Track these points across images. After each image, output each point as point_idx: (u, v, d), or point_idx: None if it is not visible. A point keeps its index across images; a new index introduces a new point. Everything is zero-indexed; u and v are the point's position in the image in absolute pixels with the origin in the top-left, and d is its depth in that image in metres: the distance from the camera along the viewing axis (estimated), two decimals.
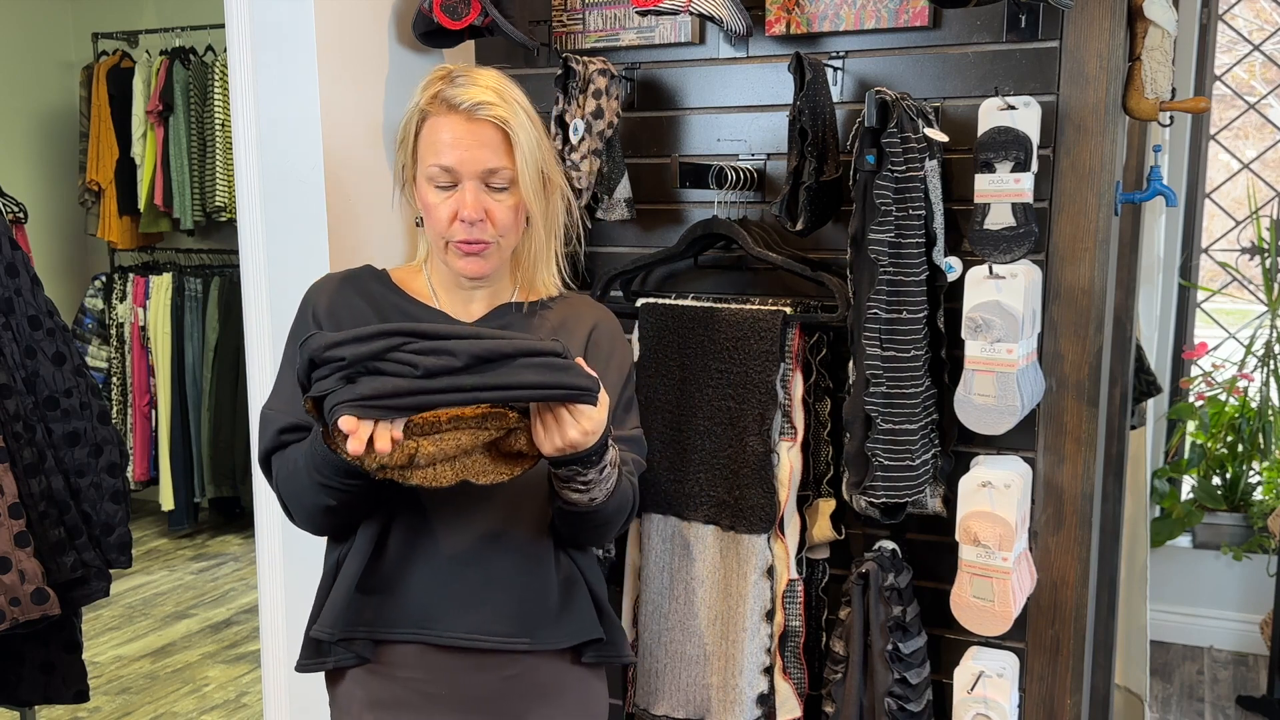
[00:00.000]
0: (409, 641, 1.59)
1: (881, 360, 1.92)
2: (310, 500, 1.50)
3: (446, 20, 2.15)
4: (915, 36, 2.07)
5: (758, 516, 2.09)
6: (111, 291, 5.34)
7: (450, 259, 1.62)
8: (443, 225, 1.59)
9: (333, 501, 1.48)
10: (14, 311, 2.25)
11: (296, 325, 1.64)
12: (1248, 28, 4.30)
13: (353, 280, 1.68)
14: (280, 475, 1.54)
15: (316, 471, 1.45)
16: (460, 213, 1.57)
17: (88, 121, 5.40)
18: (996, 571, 1.92)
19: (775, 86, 2.19)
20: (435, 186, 1.58)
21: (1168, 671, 3.99)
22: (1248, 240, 4.25)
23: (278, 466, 1.54)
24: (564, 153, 2.14)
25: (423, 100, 1.60)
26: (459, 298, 1.68)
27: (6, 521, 2.14)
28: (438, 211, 1.59)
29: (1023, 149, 1.87)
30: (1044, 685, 2.09)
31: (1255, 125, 4.40)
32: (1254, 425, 4.09)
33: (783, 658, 2.14)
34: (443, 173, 1.57)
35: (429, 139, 1.59)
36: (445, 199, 1.58)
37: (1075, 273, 1.98)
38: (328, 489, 1.46)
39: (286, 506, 1.57)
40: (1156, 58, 2.01)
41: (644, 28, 2.28)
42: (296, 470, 1.49)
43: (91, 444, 2.35)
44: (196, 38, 5.25)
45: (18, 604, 2.15)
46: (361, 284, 1.67)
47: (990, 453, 2.07)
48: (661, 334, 2.18)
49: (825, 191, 2.03)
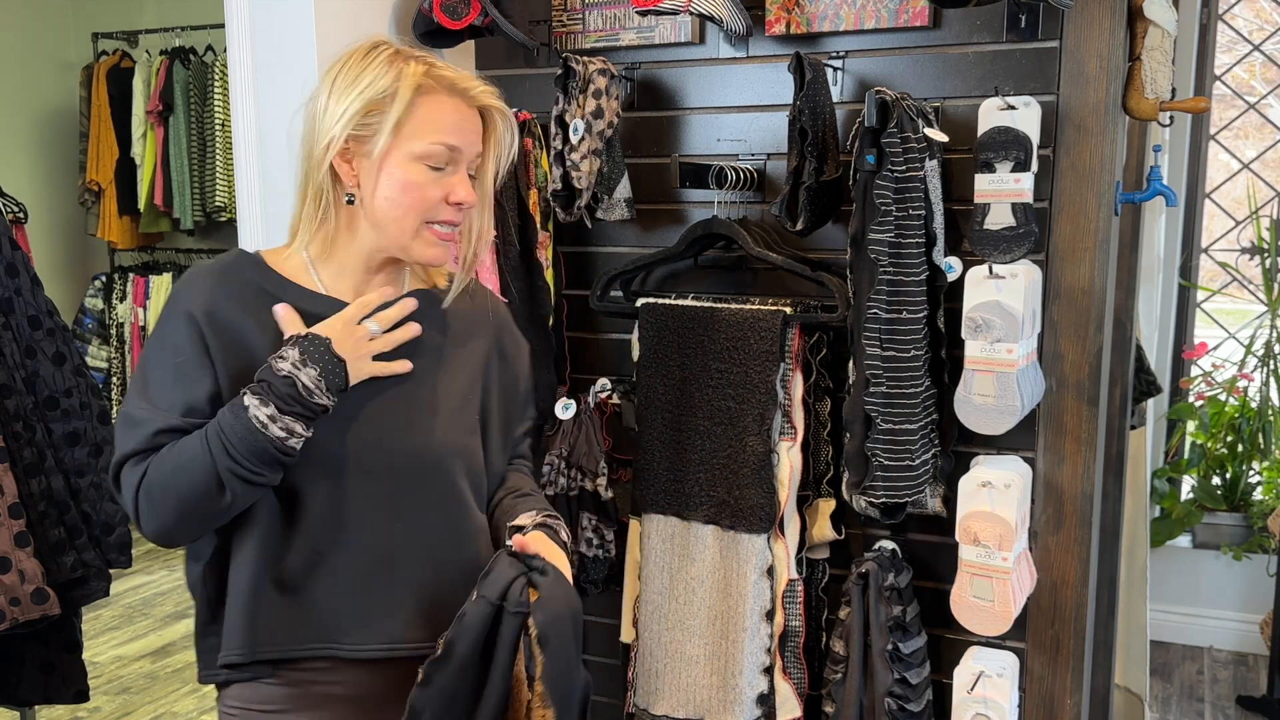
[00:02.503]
0: (320, 657, 1.53)
1: (881, 360, 1.92)
2: (199, 497, 1.44)
3: (446, 20, 2.15)
4: (915, 36, 2.07)
5: (758, 516, 2.09)
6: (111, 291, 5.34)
7: (416, 244, 1.55)
8: (427, 206, 1.53)
9: (229, 498, 1.44)
10: (14, 311, 2.25)
11: (168, 328, 1.50)
12: (1248, 28, 4.30)
13: (226, 273, 1.55)
14: (159, 473, 1.45)
15: (236, 461, 1.42)
16: (455, 195, 1.53)
17: (88, 121, 5.40)
18: (996, 571, 1.92)
19: (775, 86, 2.19)
20: (428, 166, 1.52)
21: (1168, 671, 3.99)
22: (1248, 240, 4.25)
23: (154, 465, 1.45)
24: (564, 152, 2.14)
25: (414, 75, 1.53)
26: (354, 284, 1.58)
27: (6, 521, 2.14)
28: (426, 191, 1.52)
29: (1023, 149, 1.87)
30: (1044, 685, 2.09)
31: (1255, 125, 4.40)
32: (1254, 425, 4.09)
33: (783, 658, 2.14)
34: (446, 152, 1.52)
35: (429, 116, 1.52)
36: (435, 179, 1.53)
37: (1075, 273, 1.98)
38: (241, 479, 1.43)
39: (149, 508, 1.46)
40: (1156, 58, 2.01)
41: (644, 28, 2.28)
42: (189, 463, 1.43)
43: (92, 444, 2.35)
44: (196, 38, 5.25)
45: (18, 604, 2.15)
46: (237, 274, 1.55)
47: (990, 453, 2.07)
48: (661, 334, 2.18)
49: (825, 191, 2.03)
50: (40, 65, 5.61)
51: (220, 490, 1.43)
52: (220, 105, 5.10)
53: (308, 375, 1.44)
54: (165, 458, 1.45)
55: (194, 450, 1.43)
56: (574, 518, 2.29)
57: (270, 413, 1.42)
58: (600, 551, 2.27)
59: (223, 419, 1.44)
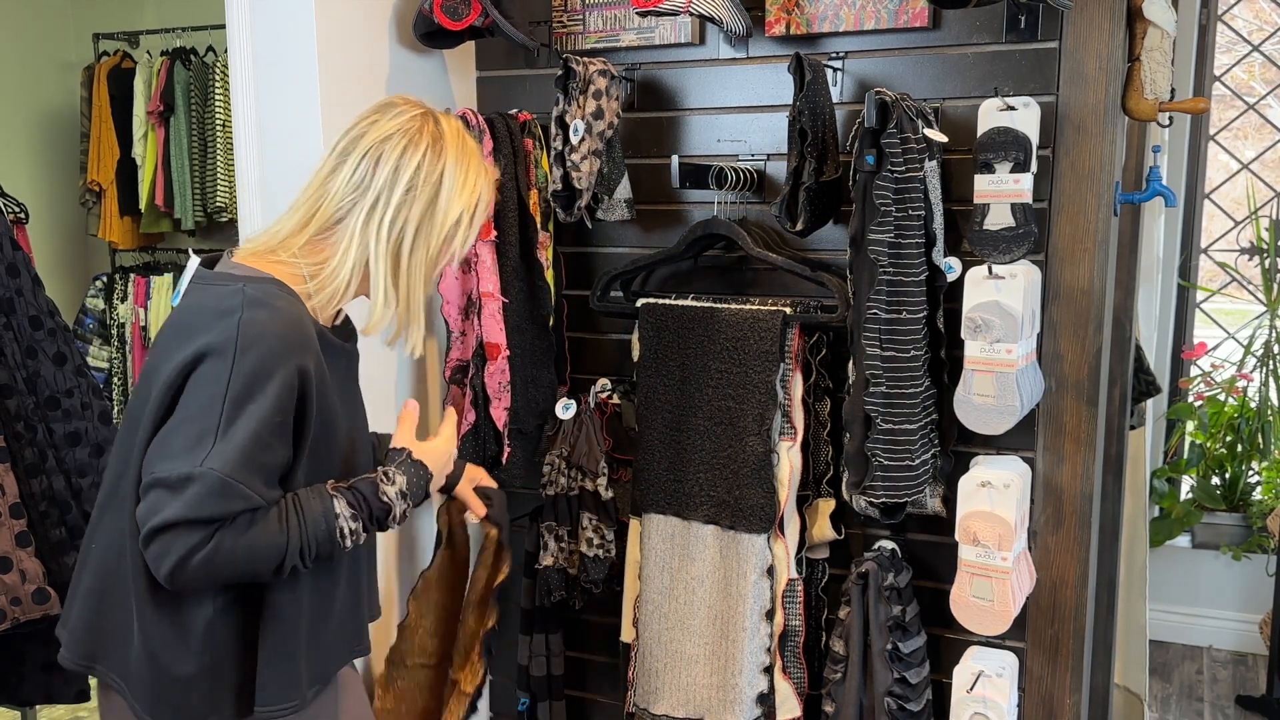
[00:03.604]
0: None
1: (881, 360, 1.92)
2: (254, 575, 1.47)
3: (447, 21, 2.15)
4: (915, 37, 2.07)
5: (757, 516, 2.09)
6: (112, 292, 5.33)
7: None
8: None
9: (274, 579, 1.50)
10: (15, 311, 2.25)
11: (275, 385, 1.44)
12: (1247, 28, 4.30)
13: (305, 319, 1.53)
14: (230, 548, 1.42)
15: (305, 558, 1.48)
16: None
17: (88, 122, 5.40)
18: (996, 571, 1.93)
19: (775, 87, 2.20)
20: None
21: (1167, 671, 4.00)
22: (1247, 240, 4.25)
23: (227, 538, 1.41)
24: (564, 153, 2.14)
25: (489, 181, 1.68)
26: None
27: (8, 521, 2.14)
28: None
29: (1022, 149, 1.88)
30: (1043, 685, 2.09)
31: (1254, 126, 4.40)
32: (1253, 425, 4.09)
33: (782, 657, 2.15)
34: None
35: (483, 215, 1.68)
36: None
37: (1075, 273, 1.98)
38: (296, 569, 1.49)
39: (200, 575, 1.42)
40: (1156, 58, 2.02)
41: (644, 28, 2.28)
42: (265, 549, 1.43)
43: (93, 444, 2.35)
44: (197, 38, 5.24)
45: (19, 604, 2.15)
46: (306, 318, 1.54)
47: (990, 453, 2.07)
48: (661, 334, 2.18)
49: (825, 192, 2.03)
50: (40, 65, 5.61)
51: (276, 574, 1.48)
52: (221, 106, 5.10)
53: (400, 509, 1.59)
54: (239, 537, 1.42)
55: (272, 538, 1.45)
56: (574, 518, 2.29)
57: (356, 527, 1.53)
58: (600, 551, 2.27)
59: (310, 517, 1.48)
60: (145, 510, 1.41)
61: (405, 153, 1.56)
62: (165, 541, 1.40)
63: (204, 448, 1.40)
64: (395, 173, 1.55)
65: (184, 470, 1.39)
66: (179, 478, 1.39)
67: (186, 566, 1.40)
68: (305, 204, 1.58)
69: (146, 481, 1.42)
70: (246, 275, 1.52)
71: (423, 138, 1.57)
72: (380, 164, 1.55)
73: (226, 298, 1.48)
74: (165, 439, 1.43)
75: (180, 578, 1.41)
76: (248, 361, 1.42)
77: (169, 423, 1.44)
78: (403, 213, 1.56)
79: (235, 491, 1.40)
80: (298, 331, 1.49)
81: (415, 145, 1.56)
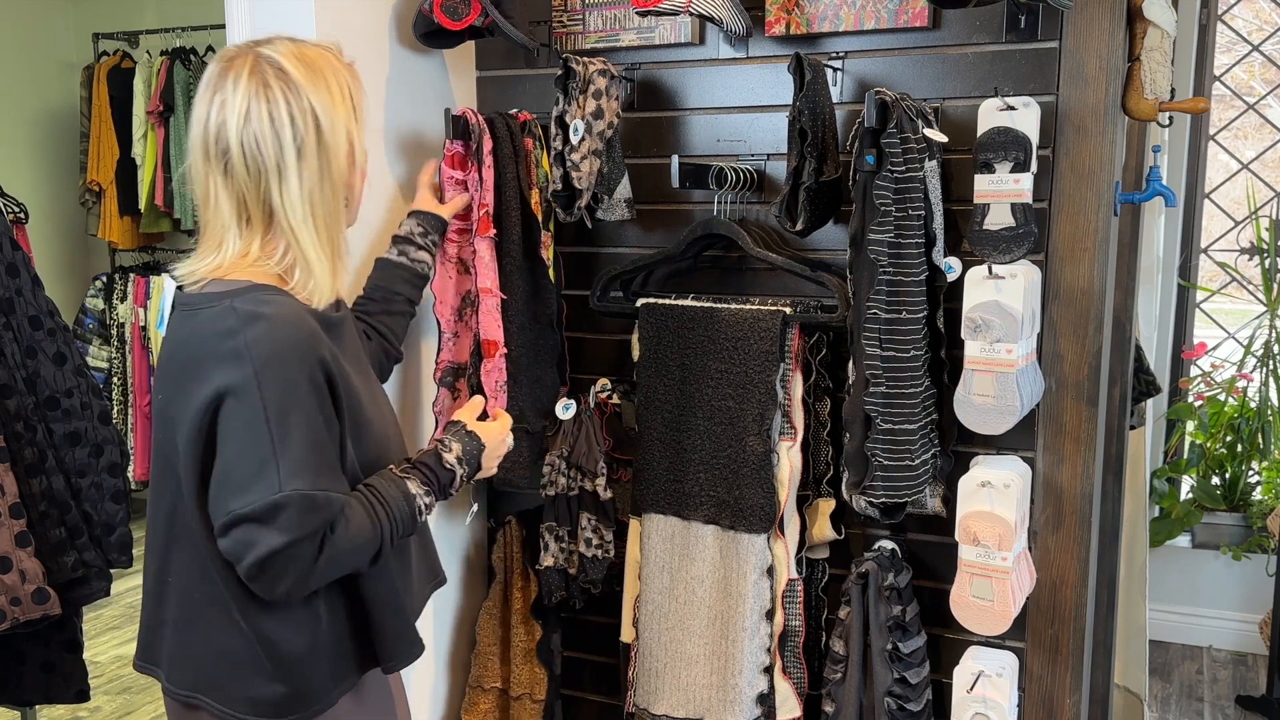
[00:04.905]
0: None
1: (881, 360, 1.92)
2: (359, 566, 1.54)
3: (447, 21, 2.15)
4: (915, 37, 2.07)
5: (757, 516, 2.09)
6: (112, 291, 5.34)
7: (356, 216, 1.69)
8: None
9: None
10: (15, 311, 2.25)
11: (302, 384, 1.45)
12: (1247, 28, 4.30)
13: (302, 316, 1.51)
14: (338, 555, 1.46)
15: (395, 539, 1.55)
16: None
17: (88, 122, 5.40)
18: (996, 571, 1.93)
19: (775, 87, 2.20)
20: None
21: (1167, 671, 4.00)
22: (1247, 240, 4.25)
23: (333, 546, 1.45)
24: (564, 153, 2.14)
25: (344, 68, 1.59)
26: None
27: (7, 521, 2.14)
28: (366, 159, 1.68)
29: (1022, 149, 1.88)
30: (1043, 685, 2.09)
31: (1254, 125, 4.40)
32: (1253, 425, 4.09)
33: (782, 657, 2.15)
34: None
35: (360, 101, 1.62)
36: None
37: (1075, 273, 1.98)
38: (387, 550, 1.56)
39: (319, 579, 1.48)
40: (1156, 58, 2.02)
41: (644, 28, 2.28)
42: (366, 545, 1.50)
43: (92, 444, 2.35)
44: (197, 38, 5.24)
45: (18, 604, 2.15)
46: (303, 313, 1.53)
47: (990, 453, 2.07)
48: (661, 334, 2.18)
49: (825, 192, 2.03)
50: (40, 65, 5.61)
51: (373, 563, 1.55)
52: None
53: (460, 474, 1.66)
54: (342, 541, 1.46)
55: (367, 533, 1.50)
56: (574, 518, 2.29)
57: (430, 501, 1.61)
58: (600, 551, 2.27)
59: (395, 504, 1.54)
60: (236, 546, 1.42)
61: (269, 114, 1.47)
62: (279, 567, 1.42)
63: (272, 472, 1.40)
64: (276, 139, 1.48)
65: (268, 499, 1.40)
66: (266, 507, 1.40)
67: (307, 580, 1.45)
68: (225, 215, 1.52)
69: (225, 521, 1.42)
70: (230, 290, 1.49)
71: (271, 85, 1.48)
72: (260, 141, 1.48)
73: (219, 319, 1.45)
74: (225, 477, 1.43)
75: (300, 591, 1.47)
76: (272, 383, 1.42)
77: (220, 461, 1.44)
78: (304, 170, 1.50)
79: (324, 500, 1.44)
80: (302, 329, 1.48)
81: (270, 99, 1.48)
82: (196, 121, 1.52)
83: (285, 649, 1.54)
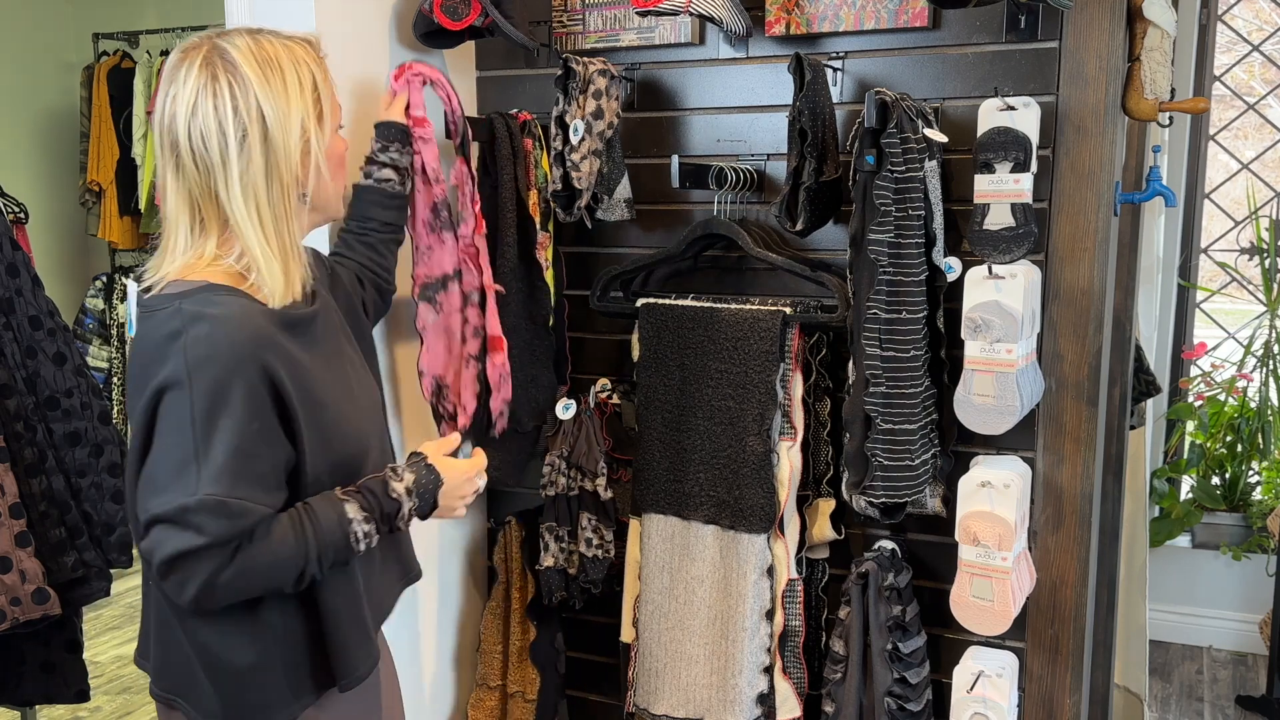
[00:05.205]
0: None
1: (881, 360, 1.92)
2: (274, 588, 1.47)
3: (447, 21, 2.15)
4: (915, 37, 2.07)
5: (757, 516, 2.09)
6: (112, 291, 5.34)
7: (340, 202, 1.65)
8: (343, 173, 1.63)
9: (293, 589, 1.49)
10: (15, 311, 2.25)
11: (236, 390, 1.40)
12: (1247, 28, 4.30)
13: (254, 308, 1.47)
14: (249, 569, 1.41)
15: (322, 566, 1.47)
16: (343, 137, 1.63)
17: (88, 122, 5.40)
18: (996, 571, 1.93)
19: (775, 87, 2.20)
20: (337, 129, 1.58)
21: (1167, 671, 4.00)
22: (1247, 240, 4.25)
23: (245, 559, 1.41)
24: (564, 153, 2.14)
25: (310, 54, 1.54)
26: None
27: (7, 521, 2.14)
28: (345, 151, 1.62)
29: (1022, 149, 1.88)
30: (1043, 685, 2.09)
31: (1254, 125, 4.40)
32: (1253, 425, 4.09)
33: (782, 657, 2.15)
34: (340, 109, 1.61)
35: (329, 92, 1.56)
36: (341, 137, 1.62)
37: (1075, 273, 1.98)
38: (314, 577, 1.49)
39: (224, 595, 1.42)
40: (1156, 58, 2.02)
41: (644, 28, 2.28)
42: (284, 562, 1.43)
43: (92, 444, 2.35)
44: None
45: (18, 604, 2.15)
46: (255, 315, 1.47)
47: (990, 453, 2.07)
48: (661, 334, 2.18)
49: (825, 192, 2.03)
50: (40, 65, 5.61)
51: (296, 584, 1.48)
52: None
53: (408, 507, 1.55)
54: (258, 554, 1.41)
55: (290, 549, 1.43)
56: (574, 518, 2.29)
57: (369, 530, 1.51)
58: (600, 551, 2.27)
59: (325, 526, 1.46)
60: (150, 546, 1.40)
61: (214, 108, 1.43)
62: (185, 570, 1.39)
63: (190, 476, 1.38)
64: (220, 134, 1.43)
65: (179, 502, 1.37)
66: (177, 509, 1.37)
67: (214, 589, 1.40)
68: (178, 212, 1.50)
69: (144, 520, 1.40)
70: (182, 291, 1.45)
71: (219, 79, 1.44)
72: (205, 136, 1.44)
73: (166, 321, 1.42)
74: (149, 477, 1.41)
75: (208, 601, 1.41)
76: (202, 382, 1.39)
77: (149, 460, 1.42)
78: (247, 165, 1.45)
79: (237, 508, 1.39)
80: (247, 332, 1.42)
81: (217, 93, 1.44)
82: (155, 113, 1.49)
83: (227, 659, 1.50)
